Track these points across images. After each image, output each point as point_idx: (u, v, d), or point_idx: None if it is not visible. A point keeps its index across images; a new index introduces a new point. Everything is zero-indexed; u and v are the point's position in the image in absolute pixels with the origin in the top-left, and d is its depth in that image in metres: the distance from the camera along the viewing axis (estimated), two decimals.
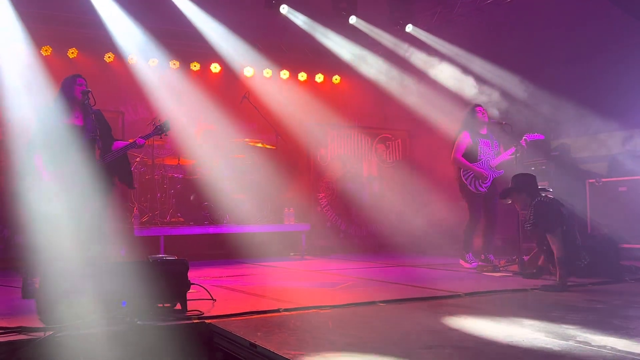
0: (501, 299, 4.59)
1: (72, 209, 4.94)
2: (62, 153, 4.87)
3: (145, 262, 3.96)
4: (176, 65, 9.98)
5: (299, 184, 9.62)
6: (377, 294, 4.67)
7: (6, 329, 3.18)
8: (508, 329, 3.33)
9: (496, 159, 6.65)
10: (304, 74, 11.00)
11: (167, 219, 7.99)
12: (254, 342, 3.00)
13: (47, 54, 8.99)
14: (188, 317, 3.67)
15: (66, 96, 4.96)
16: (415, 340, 3.09)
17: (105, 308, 3.48)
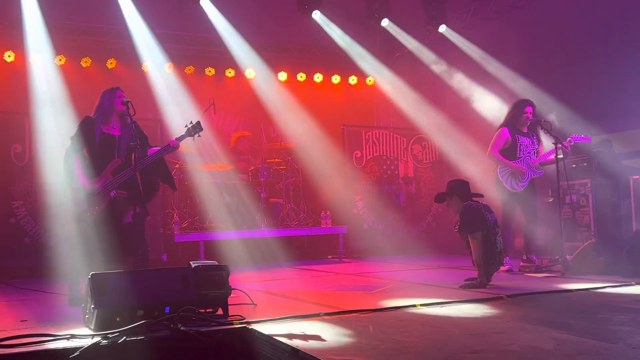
0: (545, 300, 4.50)
1: (112, 217, 5.04)
2: (100, 161, 4.98)
3: (187, 267, 4.02)
4: (211, 73, 10.11)
5: (335, 187, 9.62)
6: (417, 297, 4.63)
7: (56, 336, 3.27)
8: (553, 331, 3.26)
9: (536, 159, 6.50)
10: (338, 77, 11.00)
11: (206, 224, 8.09)
12: (295, 346, 3.01)
13: (87, 65, 9.21)
14: (230, 322, 3.71)
15: (106, 107, 5.08)
16: (458, 345, 3.05)
17: (149, 314, 3.55)
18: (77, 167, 4.94)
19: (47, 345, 3.14)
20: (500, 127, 6.56)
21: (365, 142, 9.98)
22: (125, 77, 8.94)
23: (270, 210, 8.82)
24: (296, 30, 10.45)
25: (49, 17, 8.59)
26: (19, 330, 3.55)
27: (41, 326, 3.78)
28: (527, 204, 6.49)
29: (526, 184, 6.45)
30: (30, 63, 8.44)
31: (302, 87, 10.85)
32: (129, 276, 3.80)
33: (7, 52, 8.61)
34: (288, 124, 9.81)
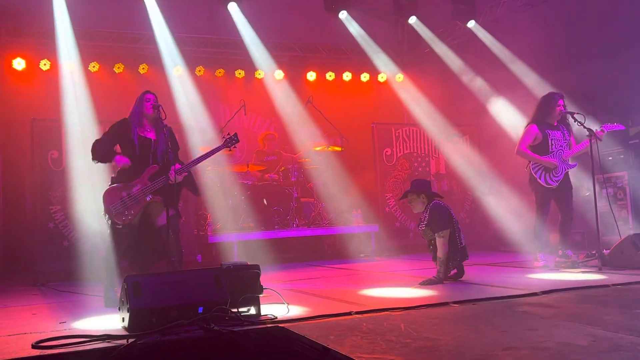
0: (581, 296, 4.41)
1: (147, 220, 5.13)
2: (137, 165, 5.07)
3: (220, 268, 4.07)
4: (241, 75, 10.19)
5: (366, 185, 9.60)
6: (449, 295, 4.60)
7: (92, 337, 3.35)
8: (589, 327, 3.20)
9: (569, 151, 6.36)
10: (367, 75, 10.98)
11: (239, 225, 8.16)
12: (326, 345, 3.02)
13: (120, 71, 9.39)
14: (262, 321, 3.75)
15: (137, 111, 5.17)
16: (491, 342, 3.02)
17: (182, 314, 3.60)
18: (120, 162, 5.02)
19: (84, 346, 3.22)
20: (528, 123, 6.44)
21: (396, 139, 9.93)
22: (156, 81, 9.08)
23: (301, 209, 8.86)
24: (325, 30, 10.47)
25: (81, 25, 8.79)
26: (58, 332, 3.66)
27: (79, 328, 3.88)
28: (561, 198, 6.36)
29: (561, 177, 6.32)
30: (63, 70, 8.64)
31: (332, 86, 10.85)
32: (163, 277, 3.86)
33: (43, 61, 8.84)
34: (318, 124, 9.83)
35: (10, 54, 8.73)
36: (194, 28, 9.90)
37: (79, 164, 7.56)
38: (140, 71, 9.47)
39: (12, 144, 8.45)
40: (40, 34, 8.85)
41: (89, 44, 9.10)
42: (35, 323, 4.15)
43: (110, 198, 4.98)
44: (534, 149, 6.33)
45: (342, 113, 10.17)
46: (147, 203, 5.03)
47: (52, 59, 8.79)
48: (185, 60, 9.52)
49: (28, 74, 8.88)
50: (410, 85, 10.82)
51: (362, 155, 9.88)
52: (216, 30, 10.10)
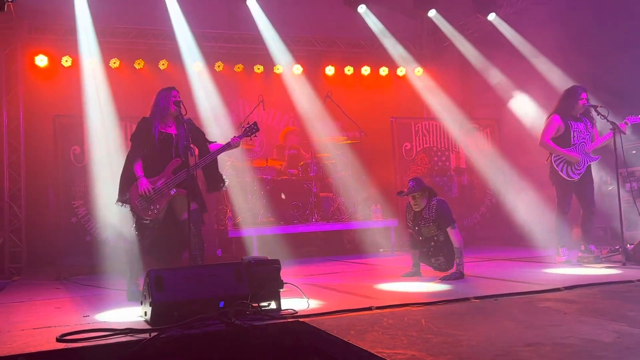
0: (604, 291, 4.35)
1: (172, 214, 5.18)
2: (159, 161, 5.11)
3: (240, 262, 4.08)
4: (260, 70, 10.21)
5: (385, 180, 9.57)
6: (470, 290, 4.57)
7: (115, 330, 3.38)
8: (613, 323, 3.16)
9: (592, 144, 6.27)
10: (385, 69, 10.92)
11: (258, 219, 8.19)
12: (347, 340, 3.02)
13: (140, 67, 9.46)
14: (282, 316, 3.76)
15: (162, 106, 5.20)
16: (513, 338, 3.00)
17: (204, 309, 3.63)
18: (137, 169, 5.08)
19: (107, 340, 3.26)
20: (551, 114, 6.35)
21: (415, 133, 9.88)
22: (176, 77, 9.13)
23: (320, 204, 8.85)
24: (343, 24, 10.44)
25: (102, 22, 8.88)
26: (81, 326, 3.70)
27: (102, 322, 3.92)
28: (584, 192, 6.27)
29: (583, 171, 6.23)
30: (84, 67, 8.73)
31: (350, 80, 10.82)
32: (184, 272, 3.89)
33: (65, 57, 8.93)
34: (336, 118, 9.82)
35: (33, 51, 8.84)
36: (213, 23, 9.93)
37: (100, 160, 7.65)
38: (161, 67, 9.53)
39: (35, 140, 8.57)
40: (62, 31, 8.94)
41: (110, 40, 9.18)
42: (59, 316, 4.21)
43: (136, 194, 5.03)
44: (556, 140, 6.25)
45: (360, 107, 10.14)
46: (172, 197, 5.08)
47: (73, 56, 8.88)
48: (204, 56, 9.56)
49: (50, 71, 8.98)
50: (430, 79, 10.75)
51: (381, 149, 9.84)
52: (235, 26, 10.13)
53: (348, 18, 10.12)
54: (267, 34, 9.73)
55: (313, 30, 10.45)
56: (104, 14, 8.86)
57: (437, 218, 5.55)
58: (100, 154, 7.71)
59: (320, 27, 10.49)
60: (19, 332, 3.63)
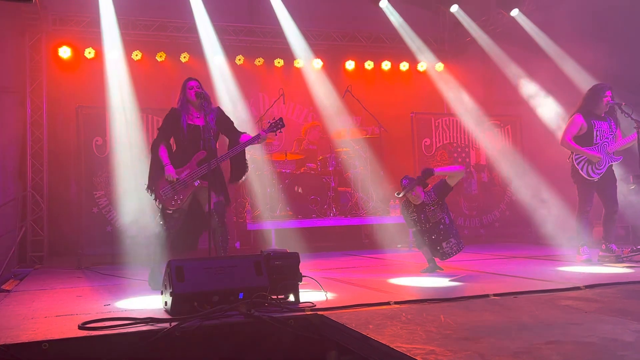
0: (625, 291, 4.30)
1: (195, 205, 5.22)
2: (186, 152, 5.16)
3: (260, 255, 4.11)
4: (280, 64, 10.22)
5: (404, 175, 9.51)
6: (490, 287, 4.55)
7: (136, 319, 3.43)
8: (635, 323, 3.13)
9: (615, 144, 6.19)
10: (406, 64, 10.87)
11: (276, 213, 8.23)
12: (366, 334, 3.03)
13: (162, 59, 9.52)
14: (301, 308, 3.77)
15: (182, 98, 5.25)
16: (534, 335, 2.98)
17: (224, 300, 3.66)
18: (164, 157, 5.13)
19: (128, 328, 3.30)
20: (574, 113, 6.28)
21: (435, 129, 9.83)
22: (198, 70, 9.19)
23: (339, 199, 8.86)
24: (364, 18, 10.40)
25: (125, 14, 8.95)
26: (103, 314, 3.75)
27: (123, 310, 3.97)
28: (605, 191, 6.20)
29: (603, 171, 6.15)
30: (107, 59, 8.82)
31: (370, 75, 10.79)
32: (205, 263, 3.92)
33: (88, 49, 9.03)
34: (356, 113, 9.81)
35: (57, 43, 8.95)
36: (235, 17, 9.97)
37: (122, 151, 7.73)
38: (182, 60, 9.59)
39: (58, 131, 8.69)
40: (86, 23, 9.03)
41: (132, 32, 9.26)
42: (80, 305, 4.27)
43: (160, 184, 5.09)
44: (578, 139, 6.18)
45: (380, 102, 10.11)
46: (196, 188, 5.12)
47: (96, 48, 8.97)
48: (225, 49, 9.60)
49: (73, 62, 9.08)
50: (451, 75, 10.68)
51: (401, 145, 9.81)
52: (256, 19, 10.15)
53: (369, 12, 10.09)
54: (288, 28, 9.73)
55: (334, 24, 10.44)
56: (127, 7, 8.93)
57: (438, 195, 5.74)
58: (122, 145, 7.79)
59: (341, 21, 10.48)
60: (42, 319, 3.69)
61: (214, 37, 9.42)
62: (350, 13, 10.38)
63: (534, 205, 8.91)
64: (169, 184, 5.07)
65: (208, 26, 9.32)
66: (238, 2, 10.24)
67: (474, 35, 10.28)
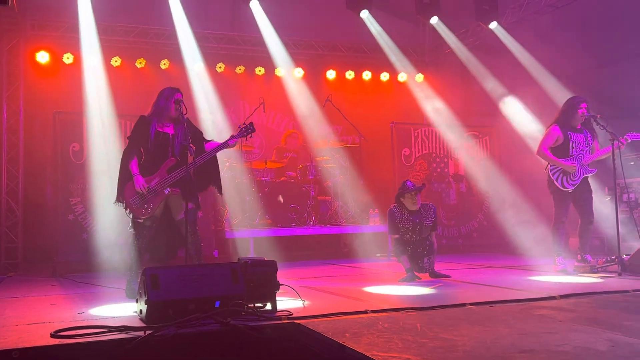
0: (599, 301, 4.36)
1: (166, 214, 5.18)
2: (156, 160, 5.12)
3: (237, 263, 4.08)
4: (261, 72, 10.22)
5: (384, 185, 9.57)
6: (466, 296, 4.57)
7: (110, 327, 3.38)
8: (608, 332, 3.17)
9: (590, 157, 6.28)
10: (387, 74, 10.94)
11: (256, 221, 8.19)
12: (342, 343, 3.02)
13: (142, 66, 9.46)
14: (278, 317, 3.76)
15: (162, 105, 5.20)
16: (508, 344, 3.00)
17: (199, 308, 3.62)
18: (133, 166, 5.09)
19: (102, 337, 3.25)
20: (550, 124, 6.37)
21: (415, 139, 9.89)
22: (178, 77, 9.14)
23: (318, 207, 8.86)
24: (345, 28, 10.45)
25: (104, 20, 8.88)
26: (76, 322, 3.70)
27: (97, 318, 3.92)
28: (580, 202, 6.29)
29: (578, 182, 6.23)
30: (85, 64, 8.73)
31: (351, 85, 10.84)
32: (181, 271, 3.89)
33: (66, 55, 8.93)
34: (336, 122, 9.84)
35: (35, 48, 8.84)
36: (216, 25, 9.96)
37: (100, 157, 7.65)
38: (162, 67, 9.53)
39: (35, 137, 8.56)
40: (64, 28, 8.94)
41: (112, 38, 9.18)
42: (54, 313, 4.21)
43: (130, 193, 5.04)
44: (554, 150, 6.27)
45: (361, 112, 10.14)
46: (166, 196, 5.08)
47: (75, 53, 8.88)
48: (206, 57, 9.57)
49: (51, 68, 8.97)
50: (430, 86, 10.77)
51: (381, 154, 9.85)
52: (237, 27, 10.15)
53: (350, 23, 10.13)
54: (269, 37, 9.73)
55: (315, 34, 10.47)
56: (107, 12, 8.86)
57: (435, 220, 5.96)
58: (100, 152, 7.71)
59: (322, 31, 10.51)
60: (14, 327, 3.63)
61: (195, 44, 9.39)
62: (331, 23, 10.41)
63: (511, 215, 9.00)
64: (138, 193, 5.03)
65: (189, 33, 9.28)
66: (220, 10, 10.22)
67: (453, 47, 10.38)
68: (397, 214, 5.89)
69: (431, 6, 9.41)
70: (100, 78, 8.67)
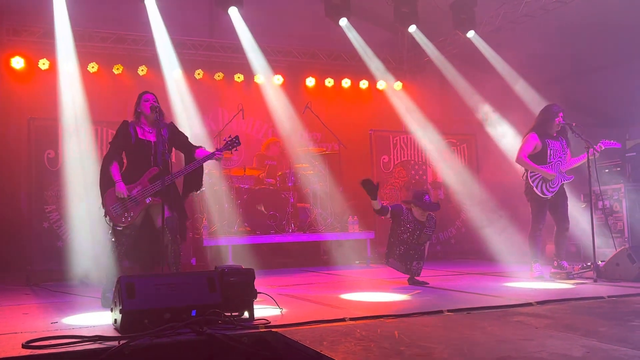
0: (576, 307, 4.40)
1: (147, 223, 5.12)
2: (137, 168, 5.06)
3: (214, 271, 4.04)
4: (240, 79, 10.19)
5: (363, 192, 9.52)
6: (444, 303, 4.58)
7: (83, 337, 3.32)
8: (583, 339, 3.19)
9: (567, 164, 6.37)
10: (366, 82, 10.99)
11: (234, 228, 8.14)
12: (319, 351, 3.00)
13: (119, 72, 9.37)
14: (255, 326, 3.72)
15: (137, 111, 5.17)
16: (485, 351, 3.01)
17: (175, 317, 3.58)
18: (115, 173, 5.02)
19: (75, 347, 3.19)
20: (528, 132, 6.44)
21: (393, 146, 9.93)
22: (156, 83, 9.07)
23: (298, 215, 8.83)
24: (325, 36, 10.48)
25: (81, 25, 8.79)
26: (49, 332, 3.62)
27: (70, 328, 3.85)
28: (557, 209, 6.36)
29: (556, 189, 6.31)
30: (61, 70, 8.62)
31: (331, 92, 10.86)
32: (156, 279, 3.84)
33: (42, 60, 8.83)
34: (316, 129, 9.84)
35: (10, 53, 8.72)
36: (194, 31, 9.92)
37: (75, 164, 7.54)
38: (140, 73, 9.46)
39: (9, 143, 8.43)
40: (40, 33, 8.84)
41: (89, 44, 9.10)
42: (26, 322, 4.12)
43: (110, 200, 4.98)
44: (533, 158, 6.33)
45: (340, 119, 10.17)
46: (147, 205, 5.03)
47: (51, 59, 8.78)
48: (185, 63, 9.52)
49: (27, 73, 8.86)
50: (409, 94, 10.84)
51: (360, 161, 9.86)
52: (216, 34, 10.12)
53: (330, 31, 10.17)
54: (248, 44, 9.70)
55: (294, 41, 10.49)
56: (84, 18, 8.78)
57: (433, 231, 6.07)
58: (75, 159, 7.60)
59: (301, 38, 10.53)
60: None
61: (174, 50, 9.33)
62: (310, 30, 10.44)
63: (488, 222, 9.07)
64: (119, 201, 4.97)
65: (167, 40, 9.22)
66: (198, 16, 10.19)
67: (431, 55, 10.47)
68: (405, 211, 6.03)
69: (410, 15, 9.49)
70: (76, 84, 8.56)
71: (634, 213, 7.56)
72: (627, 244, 7.21)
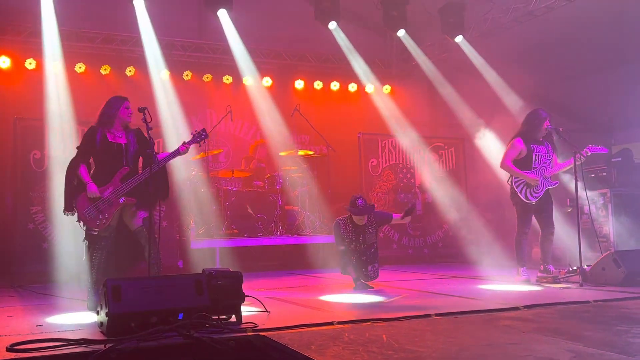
0: (562, 311, 4.43)
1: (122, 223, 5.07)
2: (108, 170, 5.01)
3: (201, 274, 4.02)
4: (229, 81, 10.17)
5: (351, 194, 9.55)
6: (431, 307, 4.59)
7: (69, 341, 3.29)
8: (569, 343, 3.21)
9: (552, 169, 6.40)
10: (355, 85, 11.01)
11: (222, 231, 8.10)
12: (307, 355, 2.99)
13: (107, 72, 9.31)
14: (243, 329, 3.71)
15: (110, 113, 5.10)
16: (473, 355, 3.02)
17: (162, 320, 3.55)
18: (85, 175, 4.95)
19: (60, 350, 3.16)
20: (514, 137, 6.46)
21: (382, 150, 9.95)
22: (143, 84, 9.03)
23: (285, 217, 8.81)
24: (314, 39, 10.48)
25: (68, 25, 8.72)
26: (34, 335, 3.58)
27: (56, 331, 3.81)
28: (542, 213, 6.39)
29: (540, 194, 6.33)
30: (48, 70, 8.55)
31: (319, 95, 10.86)
32: (143, 282, 3.81)
33: (29, 60, 8.75)
34: (304, 132, 9.84)
35: None
36: (183, 32, 9.88)
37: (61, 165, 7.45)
38: (128, 73, 9.41)
39: None
40: (27, 33, 8.76)
41: (76, 44, 9.04)
42: (11, 325, 4.07)
43: (82, 204, 4.91)
44: (518, 163, 6.35)
45: (329, 122, 10.17)
46: (121, 206, 4.98)
47: (38, 59, 8.70)
48: (173, 65, 9.49)
49: (13, 73, 8.78)
50: (398, 97, 10.88)
51: (348, 164, 9.87)
52: (205, 36, 10.09)
53: (319, 33, 10.18)
54: (237, 46, 9.68)
55: (284, 43, 10.49)
56: (71, 18, 8.71)
57: (378, 222, 6.08)
58: (61, 160, 7.50)
59: (291, 41, 10.53)
60: None
61: (162, 51, 9.29)
62: (300, 33, 10.44)
63: (475, 226, 9.11)
64: (91, 203, 4.90)
65: (155, 41, 9.17)
66: (187, 18, 10.15)
67: (419, 60, 10.52)
68: (342, 226, 6.06)
69: (398, 19, 9.52)
70: (63, 84, 8.49)
71: (619, 218, 7.62)
72: (613, 248, 7.27)
